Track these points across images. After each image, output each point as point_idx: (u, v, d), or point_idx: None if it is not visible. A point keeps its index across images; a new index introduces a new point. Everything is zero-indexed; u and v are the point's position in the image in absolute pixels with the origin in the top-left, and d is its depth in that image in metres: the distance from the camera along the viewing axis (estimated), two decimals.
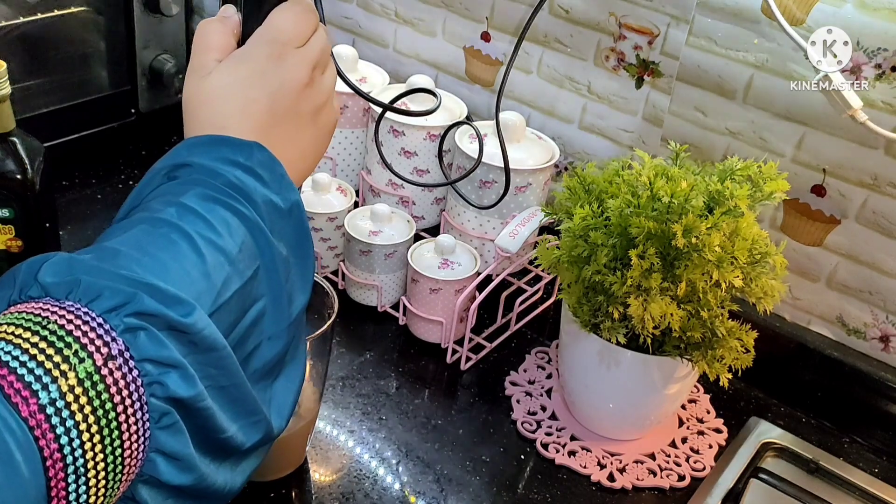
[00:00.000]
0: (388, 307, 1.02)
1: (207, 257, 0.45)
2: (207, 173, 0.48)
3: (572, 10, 1.04)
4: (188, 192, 0.47)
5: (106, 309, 0.40)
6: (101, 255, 0.43)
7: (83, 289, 0.40)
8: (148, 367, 0.40)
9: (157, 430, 0.41)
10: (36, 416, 0.36)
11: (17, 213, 0.84)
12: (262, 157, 0.50)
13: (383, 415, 0.88)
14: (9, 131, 0.82)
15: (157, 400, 0.41)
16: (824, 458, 0.88)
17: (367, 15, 1.24)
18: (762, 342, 0.79)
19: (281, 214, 0.50)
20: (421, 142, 1.05)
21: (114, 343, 0.39)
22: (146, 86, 1.28)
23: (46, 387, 0.36)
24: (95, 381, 0.38)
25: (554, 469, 0.84)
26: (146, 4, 1.22)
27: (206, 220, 0.46)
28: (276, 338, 0.50)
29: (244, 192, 0.48)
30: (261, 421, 0.48)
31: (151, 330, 0.40)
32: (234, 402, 0.46)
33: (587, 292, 0.78)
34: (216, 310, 0.44)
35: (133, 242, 0.44)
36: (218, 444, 0.45)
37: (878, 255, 0.89)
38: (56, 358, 0.37)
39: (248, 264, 0.47)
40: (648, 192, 0.75)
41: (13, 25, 1.11)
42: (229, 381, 0.45)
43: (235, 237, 0.47)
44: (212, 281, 0.45)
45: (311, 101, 0.55)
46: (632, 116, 1.04)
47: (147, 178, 0.50)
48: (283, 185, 0.51)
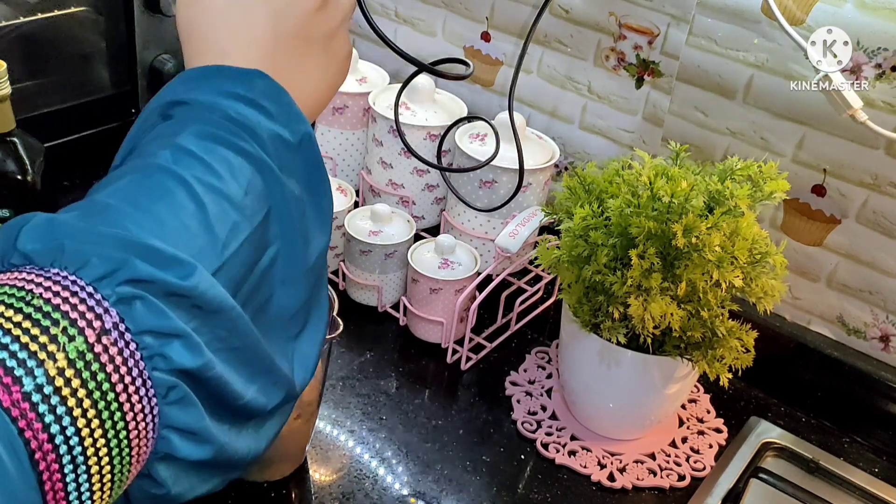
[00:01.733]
0: (388, 307, 1.02)
1: (209, 205, 0.40)
2: (205, 109, 0.43)
3: (572, 10, 1.04)
4: (183, 132, 0.42)
5: (96, 277, 0.36)
6: (88, 211, 0.39)
7: (68, 255, 0.36)
8: (147, 339, 0.36)
9: (166, 406, 0.37)
10: (20, 405, 0.32)
11: (17, 214, 0.84)
12: (265, 86, 0.45)
13: (383, 415, 0.88)
14: (9, 131, 0.82)
15: (160, 374, 0.37)
16: (824, 457, 0.88)
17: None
18: (762, 342, 0.79)
19: (290, 149, 0.45)
20: (421, 141, 1.05)
21: (107, 315, 0.35)
22: (146, 86, 1.28)
23: (31, 371, 0.33)
24: (89, 361, 0.34)
25: (554, 469, 0.84)
26: (146, 4, 1.22)
27: (204, 162, 0.41)
28: (294, 283, 0.45)
29: (247, 126, 0.43)
30: (281, 379, 0.44)
31: (148, 298, 0.36)
32: (248, 364, 0.41)
33: (587, 292, 0.78)
34: (223, 264, 0.40)
35: (124, 194, 0.40)
36: (237, 410, 0.41)
37: (879, 255, 0.89)
38: (42, 338, 0.34)
39: (258, 208, 0.42)
40: (648, 191, 0.75)
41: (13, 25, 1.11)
42: (241, 341, 0.41)
43: (240, 179, 0.42)
44: (215, 232, 0.40)
45: (321, 26, 0.49)
46: (632, 116, 1.04)
47: (140, 118, 0.45)
48: (290, 116, 0.46)
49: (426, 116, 1.06)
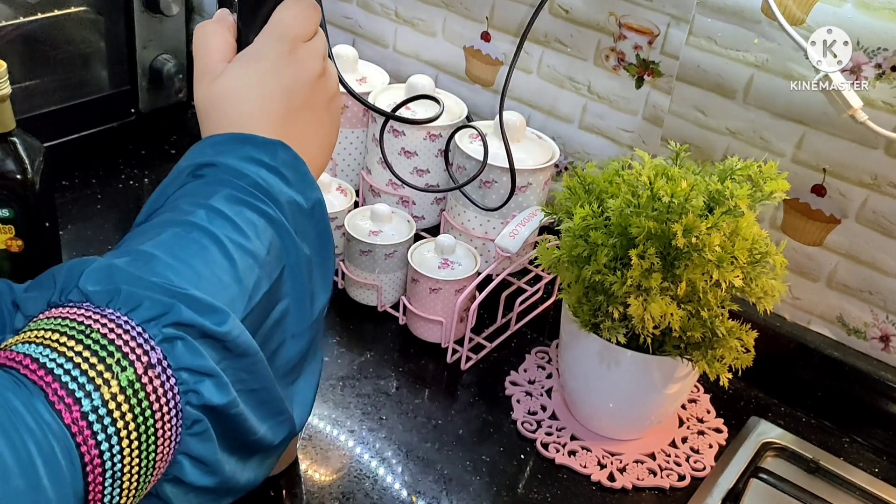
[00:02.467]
0: (388, 307, 1.02)
1: (238, 262, 0.46)
2: (233, 173, 0.49)
3: (572, 9, 1.04)
4: (216, 194, 0.48)
5: (145, 318, 0.41)
6: (137, 260, 0.44)
7: (123, 298, 0.41)
8: (184, 375, 0.41)
9: (188, 436, 0.42)
10: (78, 422, 0.37)
11: (17, 213, 0.84)
12: (286, 157, 0.51)
13: (383, 415, 0.88)
14: (9, 131, 0.82)
15: (191, 408, 0.42)
16: (824, 457, 0.88)
17: (367, 15, 1.24)
18: (762, 342, 0.79)
19: (304, 214, 0.51)
20: (421, 142, 1.05)
21: (153, 352, 0.40)
22: (146, 86, 1.28)
23: (89, 394, 0.38)
24: (137, 389, 0.39)
25: (554, 469, 0.84)
26: (146, 4, 1.22)
27: (234, 223, 0.47)
28: (299, 336, 0.50)
29: (269, 192, 0.49)
30: (287, 420, 0.49)
31: (188, 339, 0.42)
32: (263, 404, 0.47)
33: (587, 292, 0.78)
34: (248, 314, 0.46)
35: (166, 247, 0.45)
36: (248, 444, 0.46)
37: (878, 255, 0.89)
38: (99, 366, 0.39)
39: (276, 266, 0.48)
40: (648, 191, 0.75)
41: (13, 25, 1.11)
42: (260, 384, 0.46)
43: (263, 239, 0.48)
44: (243, 285, 0.46)
45: (324, 92, 0.55)
46: (632, 116, 1.04)
47: (172, 175, 0.51)
48: (306, 183, 0.51)
49: (426, 116, 1.05)
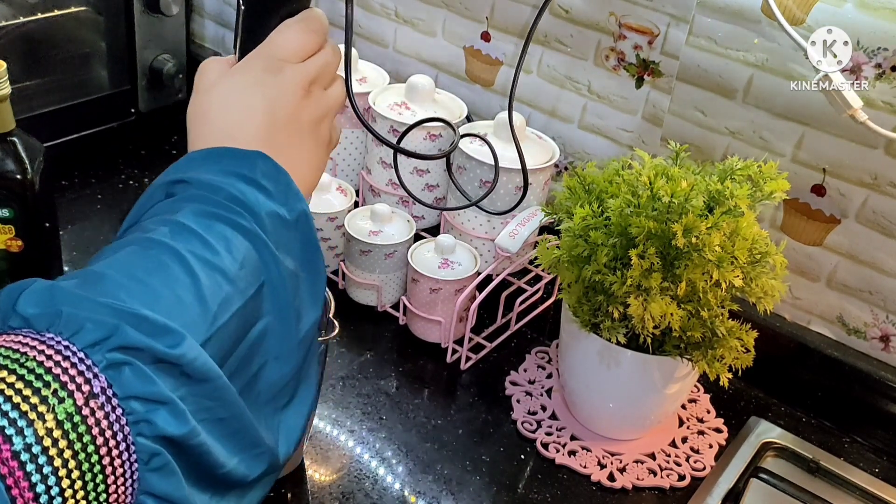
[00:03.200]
0: (388, 307, 1.02)
1: (202, 278, 0.42)
2: (207, 188, 0.46)
3: (572, 9, 1.04)
4: (184, 209, 0.45)
5: (88, 343, 0.38)
6: (85, 281, 0.41)
7: (64, 321, 0.38)
8: (134, 404, 0.38)
9: (147, 473, 0.39)
10: (9, 463, 0.33)
11: (17, 213, 0.84)
12: (266, 168, 0.48)
13: (383, 415, 0.88)
14: (9, 131, 0.82)
15: (144, 440, 0.38)
16: (824, 457, 0.88)
17: (367, 15, 1.24)
18: (762, 342, 0.79)
19: (287, 226, 0.48)
20: (421, 142, 1.05)
21: (96, 380, 0.37)
22: (146, 86, 1.28)
23: (21, 431, 0.34)
24: (76, 423, 0.36)
25: (554, 469, 0.84)
26: (146, 4, 1.22)
27: (201, 238, 0.44)
28: (284, 358, 0.47)
29: (245, 204, 0.46)
30: (264, 453, 0.45)
31: (136, 364, 0.38)
32: (233, 435, 0.43)
33: (587, 292, 0.78)
34: (213, 334, 0.42)
35: (121, 266, 0.42)
36: (217, 479, 0.43)
37: (878, 255, 0.89)
38: (33, 399, 0.35)
39: (251, 281, 0.45)
40: (648, 191, 0.75)
41: (13, 25, 1.11)
42: (227, 412, 0.42)
43: (235, 254, 0.44)
44: (206, 304, 0.42)
45: (311, 111, 0.53)
46: (632, 116, 1.04)
47: (146, 194, 0.48)
48: (289, 195, 0.48)
49: (426, 116, 1.05)
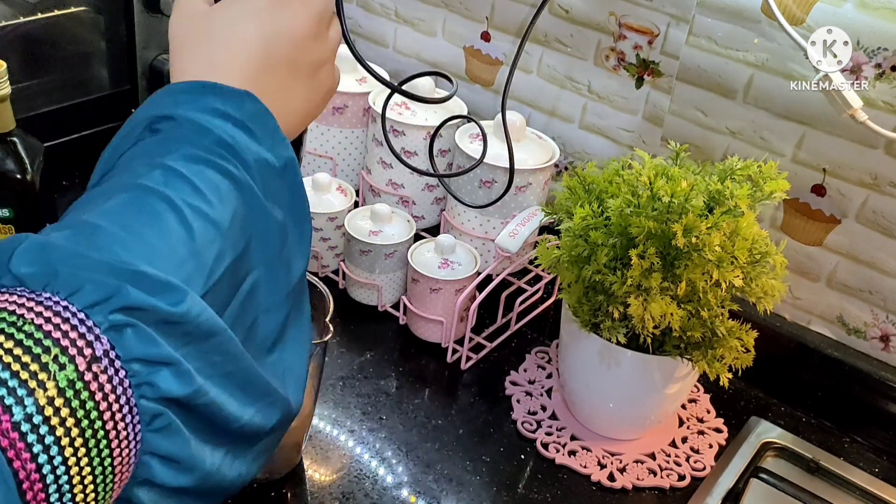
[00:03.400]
0: (388, 307, 1.02)
1: (197, 231, 0.40)
2: (194, 128, 0.43)
3: (572, 9, 1.04)
4: (174, 152, 0.42)
5: (88, 304, 0.36)
6: (79, 233, 0.38)
7: (62, 281, 0.36)
8: (136, 367, 0.36)
9: (149, 433, 0.38)
10: (9, 434, 0.32)
11: (17, 213, 0.84)
12: (254, 109, 0.45)
13: (383, 415, 0.88)
14: (9, 131, 0.82)
15: (147, 401, 0.37)
16: (824, 457, 0.88)
17: (366, 15, 1.24)
18: (762, 342, 0.79)
19: (274, 174, 0.45)
20: (421, 141, 1.05)
21: (98, 343, 0.35)
22: (146, 86, 1.28)
23: (22, 401, 0.33)
24: (79, 389, 0.34)
25: (554, 469, 0.84)
26: (146, 4, 1.22)
27: (194, 185, 0.41)
28: (275, 309, 0.45)
29: (234, 150, 0.43)
30: (276, 401, 0.44)
31: (139, 325, 0.36)
32: (244, 387, 0.41)
33: (587, 292, 0.78)
34: (209, 290, 0.40)
35: (114, 216, 0.39)
36: (234, 434, 0.41)
37: (878, 255, 0.89)
38: (33, 366, 0.33)
39: (241, 235, 0.43)
40: (648, 191, 0.75)
41: (13, 25, 1.11)
42: (235, 365, 0.41)
43: (227, 205, 0.42)
44: (202, 259, 0.40)
45: (311, 55, 0.49)
46: (632, 116, 1.04)
47: (125, 128, 0.45)
48: (276, 141, 0.46)
49: (426, 116, 1.06)
